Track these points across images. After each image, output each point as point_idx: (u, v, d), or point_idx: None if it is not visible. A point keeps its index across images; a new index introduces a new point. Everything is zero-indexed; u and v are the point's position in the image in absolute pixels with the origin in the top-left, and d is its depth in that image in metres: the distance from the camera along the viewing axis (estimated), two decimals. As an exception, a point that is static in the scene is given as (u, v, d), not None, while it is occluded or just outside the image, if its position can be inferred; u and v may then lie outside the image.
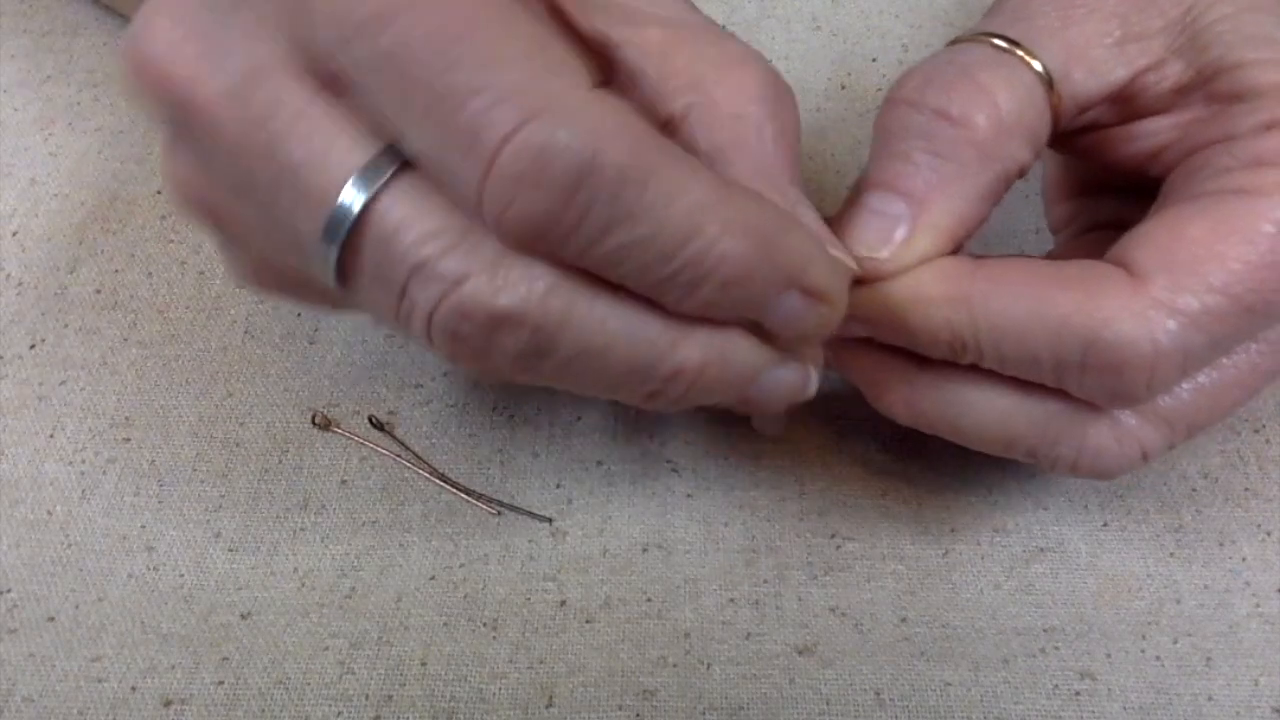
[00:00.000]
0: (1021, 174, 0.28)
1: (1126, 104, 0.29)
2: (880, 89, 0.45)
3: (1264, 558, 0.32)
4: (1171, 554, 0.33)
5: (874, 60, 0.46)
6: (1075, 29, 0.28)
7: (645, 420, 0.36)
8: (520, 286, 0.23)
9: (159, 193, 0.42)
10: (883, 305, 0.27)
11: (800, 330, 0.25)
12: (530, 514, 0.34)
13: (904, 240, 0.27)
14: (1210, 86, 0.28)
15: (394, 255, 0.23)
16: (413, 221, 0.23)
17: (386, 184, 0.23)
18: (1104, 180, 0.33)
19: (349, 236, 0.23)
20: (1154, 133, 0.29)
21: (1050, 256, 0.32)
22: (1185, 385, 0.28)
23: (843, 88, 0.45)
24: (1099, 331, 0.25)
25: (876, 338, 0.29)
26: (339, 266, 0.24)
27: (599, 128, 0.22)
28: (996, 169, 0.27)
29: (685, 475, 0.35)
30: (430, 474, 0.34)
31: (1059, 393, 0.27)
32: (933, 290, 0.27)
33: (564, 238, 0.22)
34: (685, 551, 0.33)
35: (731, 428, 0.36)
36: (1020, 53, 0.28)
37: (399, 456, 0.35)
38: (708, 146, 0.26)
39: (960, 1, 0.47)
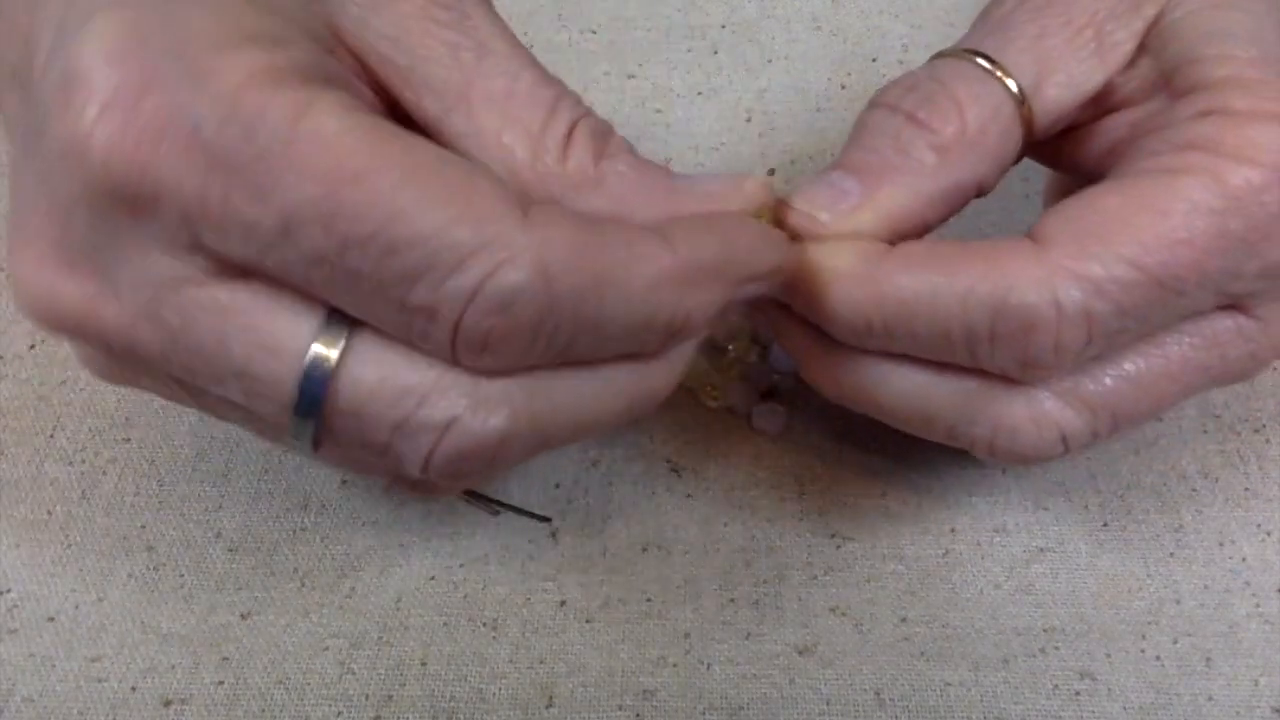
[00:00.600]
0: (981, 192, 0.29)
1: (1096, 105, 0.29)
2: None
3: (1264, 558, 0.32)
4: (1171, 554, 0.33)
5: (874, 60, 0.46)
6: (1051, 41, 0.29)
7: (645, 420, 0.36)
8: (504, 407, 0.23)
9: (159, 193, 0.42)
10: (799, 272, 0.27)
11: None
12: (530, 514, 0.34)
13: (846, 210, 0.28)
14: (1170, 84, 0.28)
15: (372, 420, 0.23)
16: (381, 383, 0.23)
17: (343, 355, 0.23)
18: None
19: (320, 412, 0.23)
20: (1112, 129, 0.29)
21: None
22: (1109, 372, 0.27)
23: (843, 88, 0.45)
24: (1004, 297, 0.25)
25: (795, 308, 0.28)
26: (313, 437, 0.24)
27: (545, 258, 0.22)
28: (953, 177, 0.28)
29: (685, 475, 0.35)
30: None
31: (975, 371, 0.27)
32: (843, 265, 0.27)
33: (538, 357, 0.23)
34: (685, 551, 0.33)
35: (732, 428, 0.36)
36: (997, 71, 0.28)
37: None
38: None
39: (960, 1, 0.47)
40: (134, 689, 0.30)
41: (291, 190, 0.21)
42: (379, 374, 0.23)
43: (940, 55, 0.30)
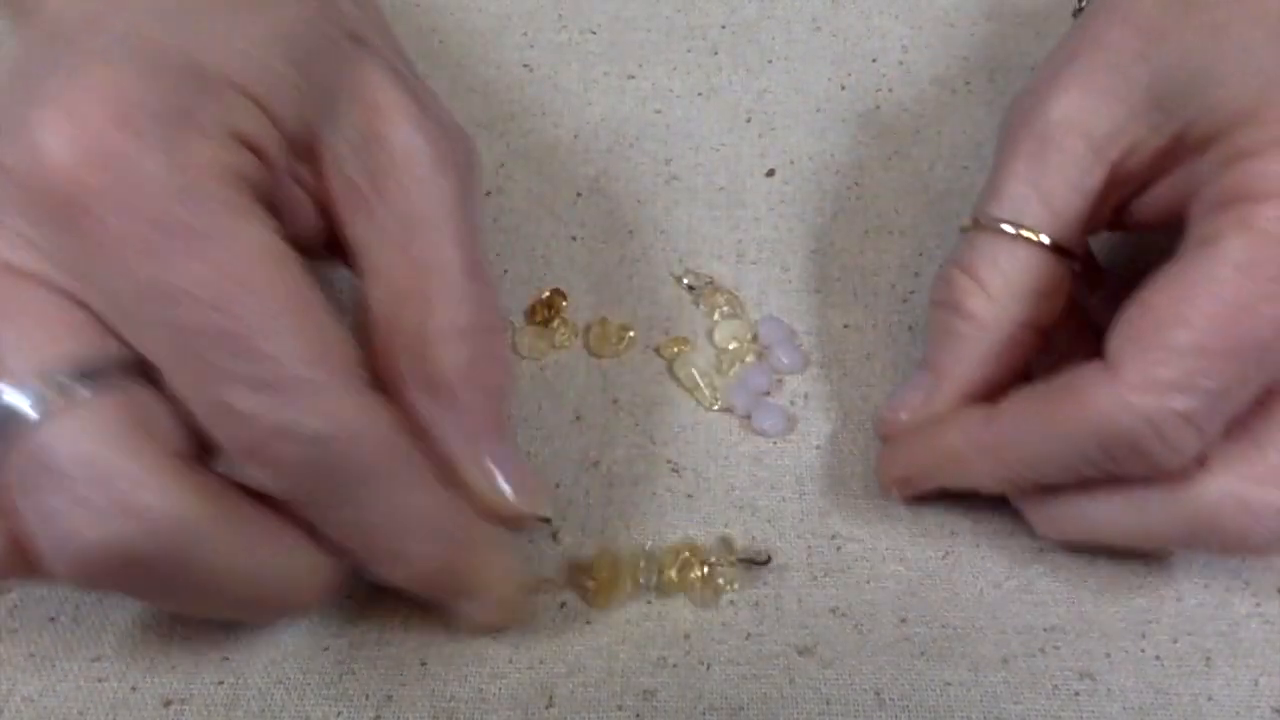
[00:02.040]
0: (1038, 328, 0.31)
1: (1123, 184, 0.31)
2: (880, 89, 0.45)
3: (1263, 559, 0.32)
4: (1171, 554, 0.33)
5: (874, 60, 0.46)
6: (1045, 168, 0.31)
7: (645, 420, 0.36)
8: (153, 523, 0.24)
9: (159, 193, 0.42)
10: (931, 465, 0.32)
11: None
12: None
13: (922, 402, 0.32)
14: (1187, 142, 0.29)
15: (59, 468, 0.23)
16: (96, 448, 0.23)
17: (49, 418, 0.23)
18: None
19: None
20: (1161, 195, 0.31)
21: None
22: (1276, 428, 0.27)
23: (843, 88, 0.45)
24: (1098, 432, 0.27)
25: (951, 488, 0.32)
26: None
27: (351, 427, 0.24)
28: (995, 336, 0.31)
29: (685, 475, 0.35)
30: None
31: (1177, 496, 0.28)
32: (960, 446, 0.31)
33: (284, 492, 0.25)
34: (685, 551, 0.33)
35: (732, 428, 0.36)
36: (1008, 228, 0.31)
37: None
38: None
39: (960, 1, 0.47)
40: (134, 689, 0.30)
41: (188, 268, 0.23)
42: (92, 444, 0.23)
43: (966, 229, 0.33)
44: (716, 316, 0.38)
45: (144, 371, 0.24)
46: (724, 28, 0.47)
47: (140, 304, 0.23)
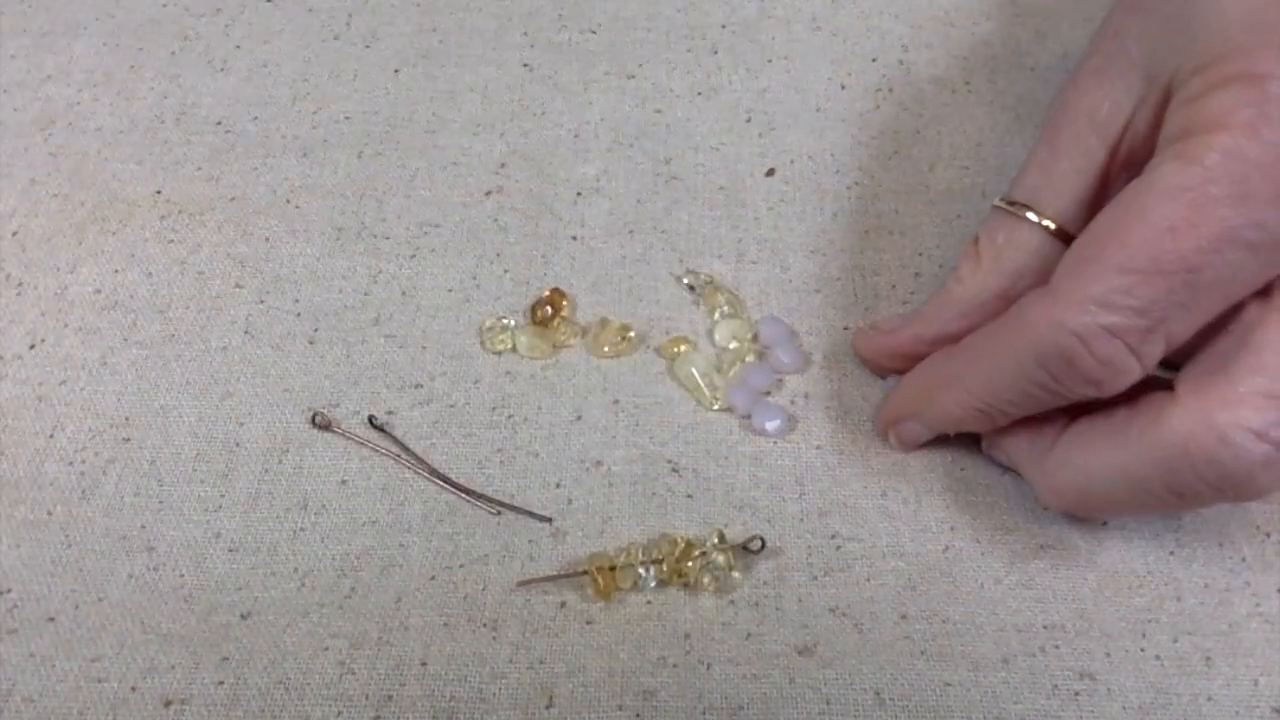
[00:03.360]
0: (1012, 299, 0.31)
1: (1127, 163, 0.31)
2: (880, 89, 0.45)
3: (1264, 558, 0.32)
4: (1172, 552, 0.33)
5: (874, 60, 0.46)
6: (1055, 154, 0.32)
7: (645, 420, 0.36)
8: None
9: (159, 192, 0.42)
10: (911, 403, 0.34)
11: None
12: (530, 514, 0.34)
13: (893, 327, 0.36)
14: (1165, 102, 0.30)
15: None
16: None
17: None
18: None
19: None
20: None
21: None
22: (1245, 352, 0.28)
23: (843, 88, 0.45)
24: (1038, 349, 0.28)
25: (931, 429, 0.34)
26: None
27: None
28: (972, 300, 0.33)
29: (685, 475, 0.35)
30: (430, 474, 0.34)
31: (1148, 427, 0.28)
32: (929, 381, 0.33)
33: None
34: (685, 551, 0.33)
35: (732, 428, 0.36)
36: (1013, 209, 0.33)
37: (399, 457, 0.35)
38: None
39: (960, 1, 0.47)
40: (134, 689, 0.30)
41: None
42: None
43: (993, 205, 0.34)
44: (716, 316, 0.38)
45: None
46: (724, 27, 0.47)
47: None
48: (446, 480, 0.34)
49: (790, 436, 0.35)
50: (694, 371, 0.36)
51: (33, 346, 0.38)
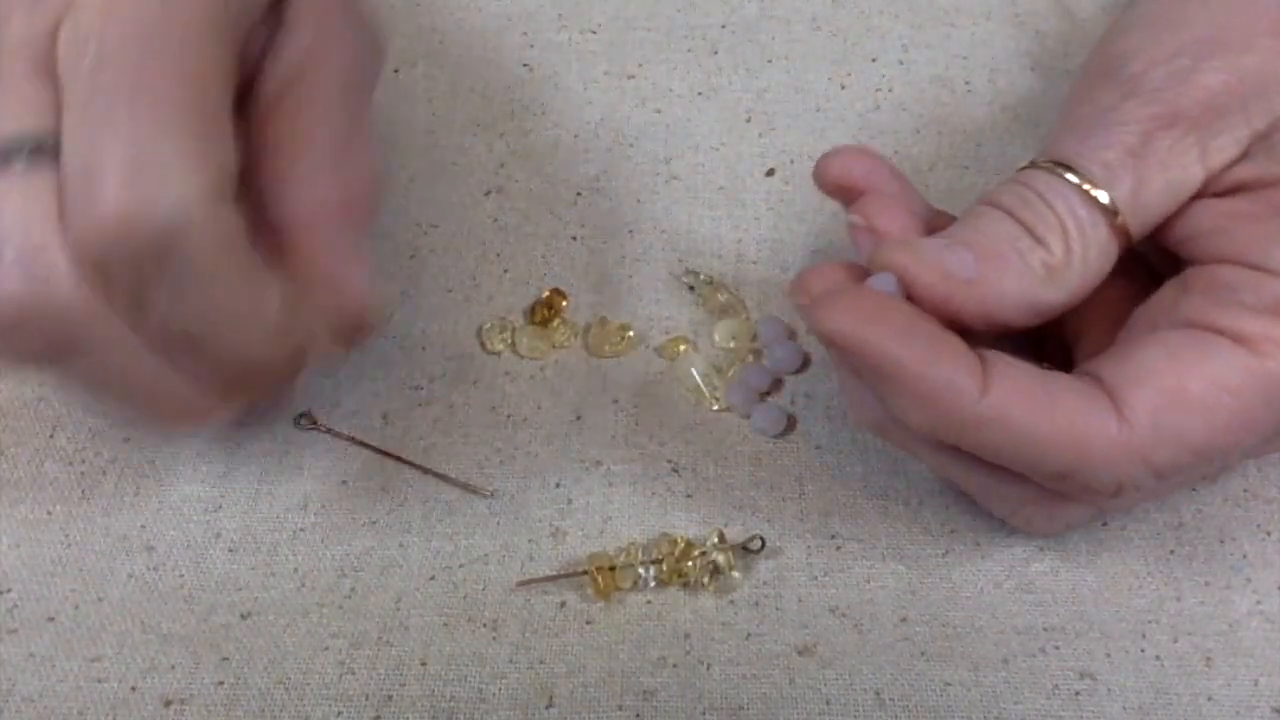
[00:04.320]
0: (1065, 307, 0.29)
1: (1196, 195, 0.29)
2: (880, 89, 0.45)
3: (1264, 556, 0.32)
4: (1172, 552, 0.33)
5: (874, 60, 0.46)
6: (1154, 145, 0.28)
7: (645, 420, 0.36)
8: (70, 296, 0.25)
9: (159, 193, 0.42)
10: (902, 354, 0.26)
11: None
12: (468, 487, 0.34)
13: (963, 279, 0.28)
14: (1268, 191, 0.28)
15: None
16: (14, 202, 0.25)
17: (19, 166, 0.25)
18: None
19: None
20: (1198, 216, 0.29)
21: None
22: None
23: (843, 88, 0.45)
24: (1078, 466, 0.26)
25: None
26: None
27: (188, 230, 0.25)
28: (1057, 296, 0.28)
29: (685, 475, 0.35)
30: (383, 453, 0.34)
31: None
32: (945, 364, 0.26)
33: (122, 294, 0.26)
34: (685, 551, 0.33)
35: (732, 428, 0.36)
36: (1088, 187, 0.28)
37: (399, 456, 0.35)
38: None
39: (960, 2, 0.47)
40: (134, 689, 0.30)
41: None
42: (29, 199, 0.25)
43: (1032, 165, 0.29)
44: (717, 316, 0.38)
45: None
46: (724, 27, 0.47)
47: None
48: (393, 456, 0.35)
49: (790, 436, 0.35)
50: (694, 371, 0.36)
51: (33, 347, 0.38)
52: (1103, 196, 0.28)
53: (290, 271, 0.28)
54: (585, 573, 0.32)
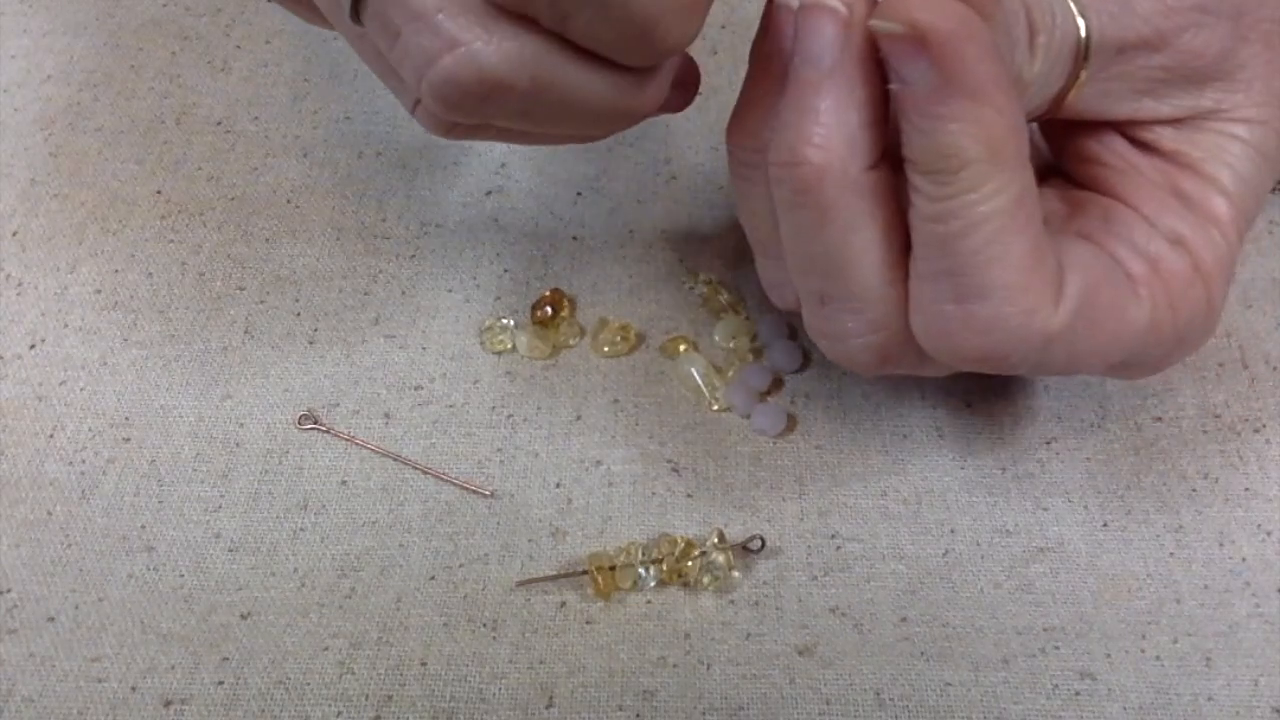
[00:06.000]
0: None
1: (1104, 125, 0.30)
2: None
3: (1264, 558, 0.32)
4: (1171, 554, 0.33)
5: (874, 60, 0.46)
6: (1127, 57, 0.29)
7: (645, 420, 0.36)
8: (511, 53, 0.25)
9: (159, 192, 0.42)
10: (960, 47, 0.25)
11: None
12: (469, 488, 0.34)
13: None
14: (1176, 170, 0.30)
15: (396, 3, 0.25)
16: None
17: None
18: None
19: None
20: (1107, 148, 0.31)
21: None
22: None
23: (843, 88, 0.45)
24: (1007, 314, 0.26)
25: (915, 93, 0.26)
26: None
27: None
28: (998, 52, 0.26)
29: (685, 475, 0.35)
30: (384, 453, 0.35)
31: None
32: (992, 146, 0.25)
33: (541, 10, 0.25)
34: (685, 551, 0.33)
35: (732, 428, 0.36)
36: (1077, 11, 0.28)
37: (399, 456, 0.35)
38: None
39: (960, 1, 0.47)
40: (134, 689, 0.30)
41: None
42: None
43: None
44: (717, 316, 0.38)
45: None
46: (724, 28, 0.47)
47: None
48: (393, 456, 0.35)
49: (790, 436, 0.35)
50: (694, 371, 0.36)
51: (33, 346, 0.38)
52: (1083, 28, 0.28)
53: None
54: (585, 573, 0.32)
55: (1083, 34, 0.28)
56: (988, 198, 0.25)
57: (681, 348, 0.37)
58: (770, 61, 0.28)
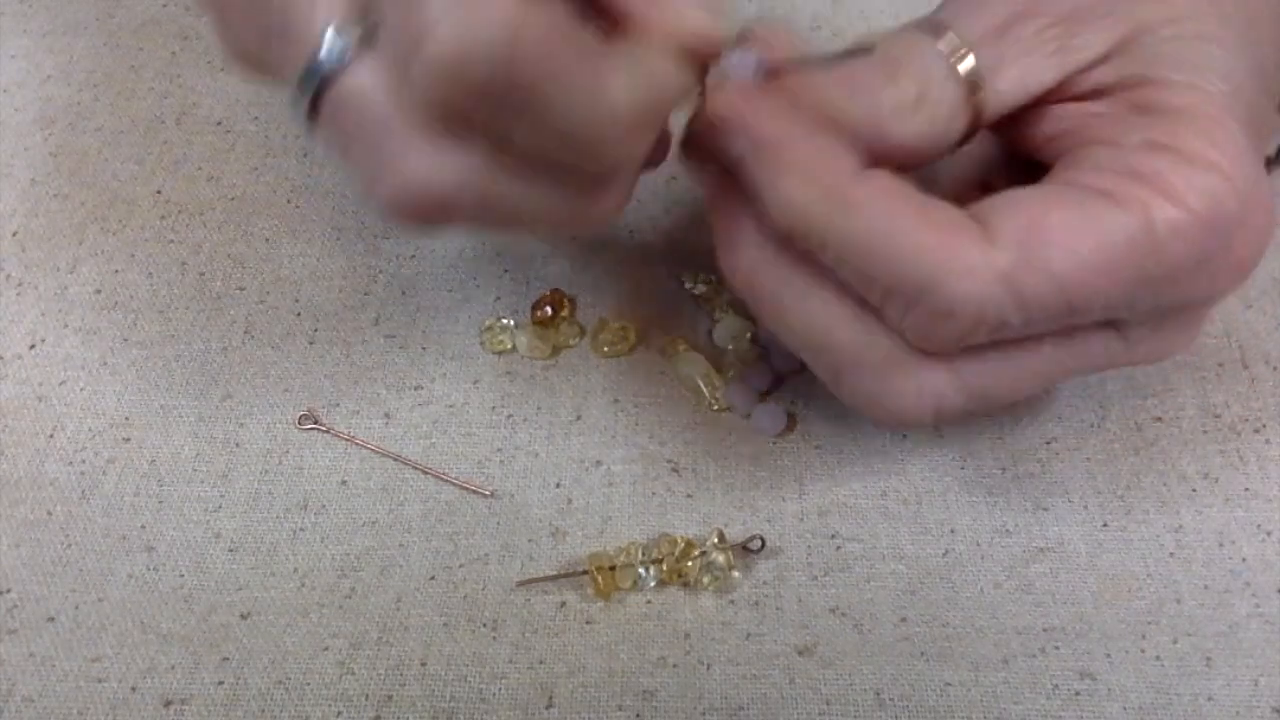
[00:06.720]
0: (919, 160, 0.29)
1: (1048, 95, 0.30)
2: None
3: (1264, 558, 0.32)
4: (1171, 554, 0.33)
5: (874, 60, 0.46)
6: (1017, 32, 0.29)
7: (645, 420, 0.36)
8: (461, 168, 0.25)
9: (159, 192, 0.42)
10: (777, 135, 0.28)
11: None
12: (470, 488, 0.34)
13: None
14: (1128, 93, 0.28)
15: (351, 116, 0.25)
16: (372, 93, 0.25)
17: (357, 53, 0.25)
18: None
19: (320, 87, 0.25)
20: (1060, 118, 0.30)
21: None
22: (991, 359, 0.29)
23: (843, 88, 0.45)
24: (942, 280, 0.26)
25: (743, 178, 0.29)
26: (310, 107, 0.26)
27: (519, 37, 0.23)
28: (868, 114, 0.28)
29: (685, 475, 0.35)
30: (383, 453, 0.35)
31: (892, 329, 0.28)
32: (820, 170, 0.27)
33: (480, 127, 0.25)
34: (685, 551, 0.33)
35: (732, 428, 0.36)
36: (949, 53, 0.29)
37: (399, 456, 0.35)
38: None
39: None
40: (134, 689, 0.30)
41: None
42: (366, 93, 0.25)
43: (910, 25, 0.31)
44: (717, 316, 0.38)
45: None
46: (724, 27, 0.47)
47: None
48: (393, 456, 0.35)
49: (790, 436, 0.35)
50: (694, 371, 0.36)
51: (33, 346, 0.38)
52: (968, 62, 0.29)
53: (613, 28, 0.26)
54: (585, 573, 0.32)
55: (964, 69, 0.29)
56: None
57: (681, 348, 0.37)
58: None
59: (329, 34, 0.25)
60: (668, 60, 0.26)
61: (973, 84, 0.29)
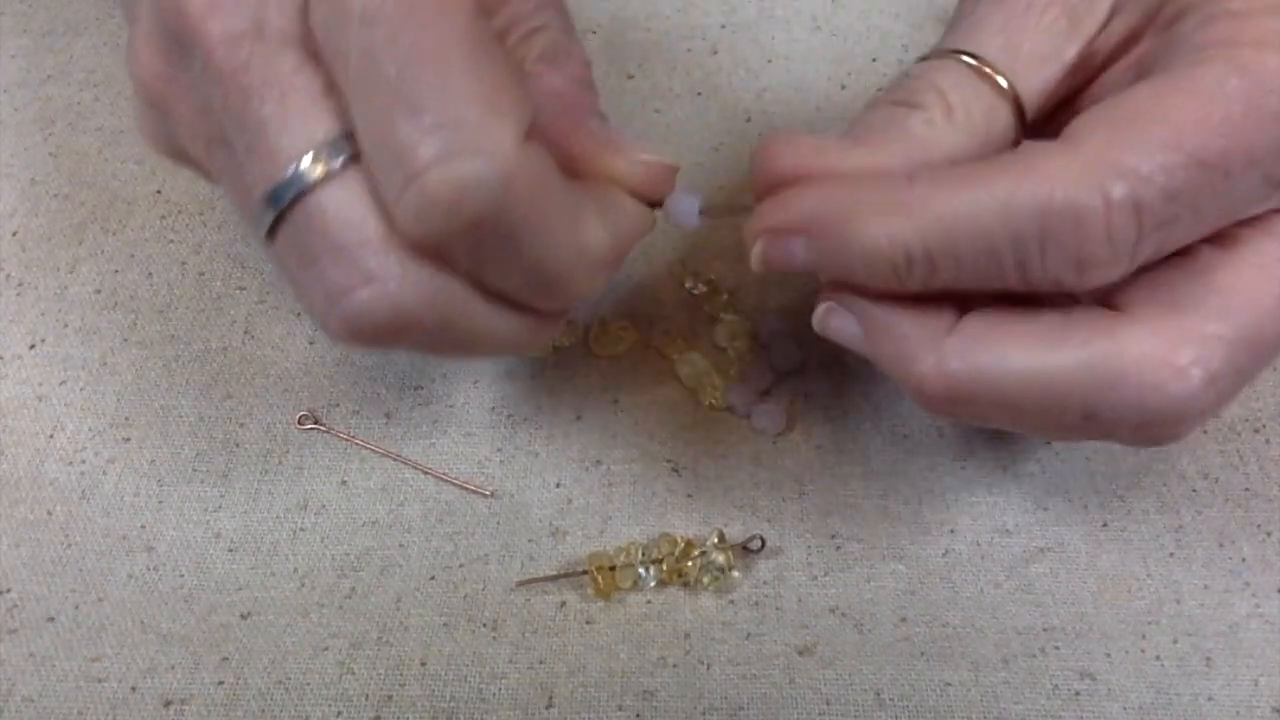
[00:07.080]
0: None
1: (1080, 72, 0.29)
2: (880, 89, 0.45)
3: (1264, 558, 0.32)
4: (1171, 554, 0.33)
5: (874, 60, 0.46)
6: (1018, 23, 0.29)
7: (645, 420, 0.36)
8: (422, 292, 0.25)
9: (159, 192, 0.42)
10: (819, 212, 0.27)
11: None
12: (469, 488, 0.34)
13: (822, 150, 0.29)
14: (1155, 21, 0.28)
15: (316, 238, 0.25)
16: (338, 216, 0.24)
17: (325, 178, 0.24)
18: None
19: (288, 205, 0.25)
20: (1108, 84, 0.29)
21: None
22: (1209, 293, 0.26)
23: (843, 88, 0.45)
24: (1048, 197, 0.25)
25: (820, 268, 0.28)
26: (272, 224, 0.25)
27: (512, 180, 0.23)
28: (942, 150, 0.28)
29: (685, 475, 0.35)
30: (384, 453, 0.35)
31: (1094, 336, 0.26)
32: (868, 197, 0.27)
33: (458, 258, 0.25)
34: (685, 551, 0.33)
35: (732, 428, 0.36)
36: (977, 65, 0.29)
37: (398, 457, 0.35)
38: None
39: (959, 2, 0.47)
40: (134, 689, 0.30)
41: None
42: (343, 208, 0.25)
43: (920, 59, 0.31)
44: (717, 316, 0.38)
45: None
46: (724, 27, 0.47)
47: (343, 28, 0.24)
48: (394, 455, 0.35)
49: (790, 436, 0.35)
50: (694, 371, 0.36)
51: (33, 346, 0.38)
52: (988, 70, 0.29)
53: (566, 167, 0.27)
54: (585, 573, 0.32)
55: (972, 62, 0.29)
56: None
57: (681, 348, 0.37)
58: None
59: (306, 159, 0.24)
60: (635, 202, 0.28)
61: (992, 75, 0.28)
